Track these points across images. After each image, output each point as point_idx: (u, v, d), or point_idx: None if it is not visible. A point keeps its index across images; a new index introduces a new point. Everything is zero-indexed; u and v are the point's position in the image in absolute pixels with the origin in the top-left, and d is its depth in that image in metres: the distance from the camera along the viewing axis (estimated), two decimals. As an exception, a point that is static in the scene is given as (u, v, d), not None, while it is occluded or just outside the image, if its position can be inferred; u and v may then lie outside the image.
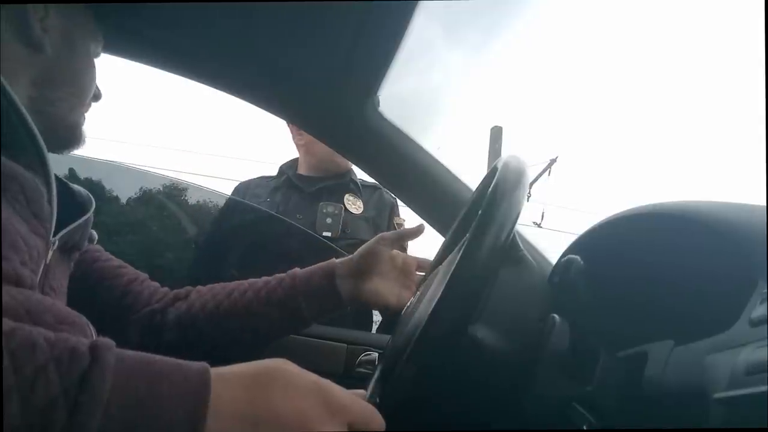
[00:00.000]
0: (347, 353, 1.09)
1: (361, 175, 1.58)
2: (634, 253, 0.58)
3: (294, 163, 1.69)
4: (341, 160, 1.56)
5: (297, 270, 0.87)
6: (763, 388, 0.32)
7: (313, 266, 0.88)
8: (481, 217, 0.49)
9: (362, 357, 1.07)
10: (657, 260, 0.56)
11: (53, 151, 0.77)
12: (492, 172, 0.62)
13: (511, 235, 0.49)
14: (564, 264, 0.55)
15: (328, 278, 0.85)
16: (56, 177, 0.73)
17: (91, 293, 0.84)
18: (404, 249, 1.52)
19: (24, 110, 0.58)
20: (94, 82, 0.78)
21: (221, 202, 1.75)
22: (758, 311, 0.38)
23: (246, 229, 1.50)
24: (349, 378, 1.05)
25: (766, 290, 0.39)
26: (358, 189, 1.59)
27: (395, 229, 1.55)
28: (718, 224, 0.48)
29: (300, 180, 1.60)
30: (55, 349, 0.40)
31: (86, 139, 0.79)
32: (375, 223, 1.53)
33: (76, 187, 0.75)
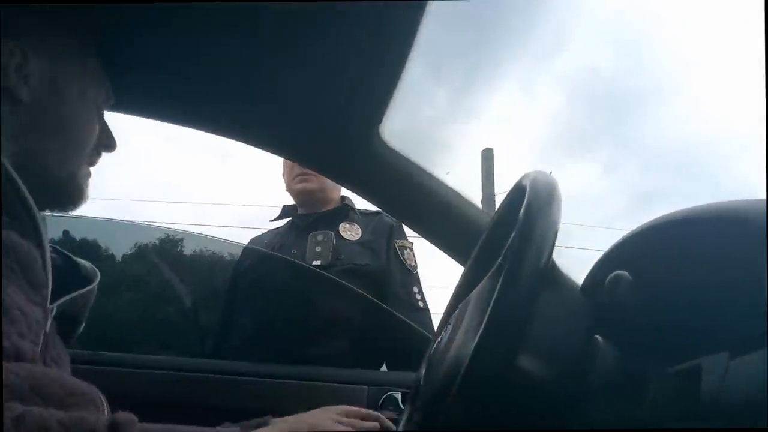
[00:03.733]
0: (369, 395, 1.05)
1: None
2: (673, 263, 0.55)
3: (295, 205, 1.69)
4: (306, 194, 1.55)
5: None
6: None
7: None
8: (517, 239, 0.47)
9: (385, 398, 1.03)
10: (698, 267, 0.53)
11: (50, 210, 0.73)
12: (516, 191, 0.60)
13: (551, 256, 0.47)
14: (612, 281, 0.52)
15: None
16: (59, 251, 0.70)
17: None
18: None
19: (15, 174, 0.55)
20: (93, 128, 0.73)
21: (217, 249, 1.73)
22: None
23: (242, 276, 1.49)
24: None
25: None
26: (357, 216, 1.55)
27: (396, 251, 1.49)
28: (759, 222, 0.45)
29: (299, 218, 1.59)
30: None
31: (87, 197, 0.73)
32: (371, 247, 1.48)
33: (80, 261, 0.72)
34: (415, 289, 1.46)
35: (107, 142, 0.76)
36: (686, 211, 0.54)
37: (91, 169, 0.76)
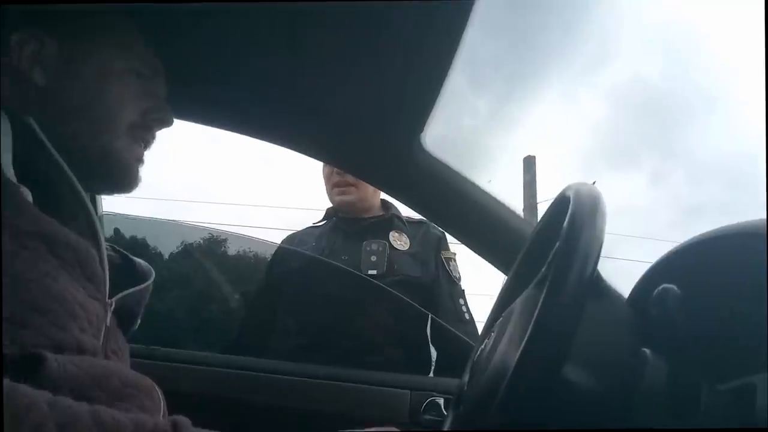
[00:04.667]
0: (411, 400, 1.05)
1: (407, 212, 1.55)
2: (723, 277, 0.54)
3: None
4: (344, 206, 1.55)
5: None
6: None
7: None
8: (561, 249, 0.47)
9: (427, 403, 1.03)
10: (748, 283, 0.51)
11: (99, 193, 0.73)
12: (560, 201, 0.60)
13: (597, 266, 0.46)
14: (660, 294, 0.52)
15: None
16: (117, 249, 0.73)
17: None
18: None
19: (71, 174, 0.57)
20: (125, 101, 0.69)
21: (263, 250, 1.76)
22: None
23: (289, 276, 1.49)
24: (416, 425, 1.01)
25: None
26: (404, 225, 1.55)
27: (443, 263, 1.49)
28: None
29: (344, 222, 1.58)
30: None
31: (138, 178, 0.72)
32: (421, 258, 1.48)
33: (137, 259, 0.74)
34: (461, 301, 1.46)
35: (160, 116, 0.73)
36: (736, 225, 0.52)
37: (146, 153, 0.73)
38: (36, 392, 0.38)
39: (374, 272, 1.40)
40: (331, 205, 1.64)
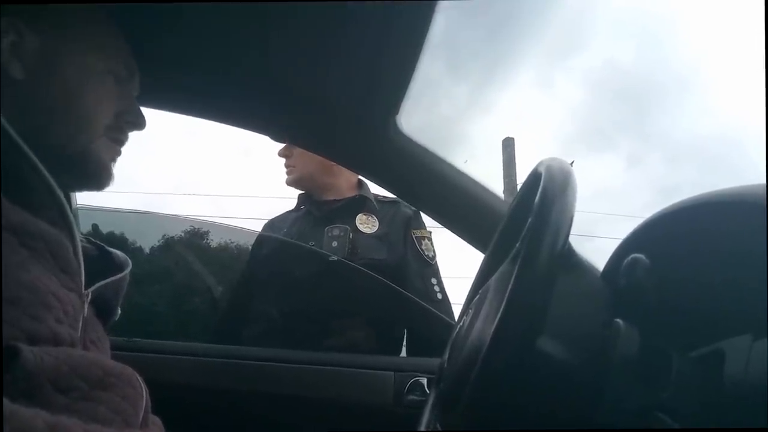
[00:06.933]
0: (395, 381, 1.06)
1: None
2: (692, 246, 0.55)
3: None
4: (292, 185, 1.57)
5: None
6: None
7: None
8: (533, 224, 0.47)
9: (411, 383, 1.04)
10: (717, 250, 0.53)
11: (74, 190, 0.72)
12: (532, 177, 0.60)
13: (568, 239, 0.47)
14: (629, 264, 0.52)
15: None
16: (92, 241, 0.72)
17: None
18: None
19: (41, 165, 0.56)
20: (104, 101, 0.70)
21: (244, 239, 1.76)
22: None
23: (260, 263, 1.50)
24: (400, 406, 1.02)
25: None
26: (374, 206, 1.53)
27: (413, 242, 1.47)
28: None
29: (313, 207, 1.58)
30: None
31: (111, 176, 0.72)
32: (389, 239, 1.46)
33: (113, 250, 0.73)
34: (433, 281, 1.44)
35: (133, 119, 0.74)
36: (704, 195, 0.53)
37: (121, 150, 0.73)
38: (34, 415, 0.37)
39: (335, 258, 1.38)
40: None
